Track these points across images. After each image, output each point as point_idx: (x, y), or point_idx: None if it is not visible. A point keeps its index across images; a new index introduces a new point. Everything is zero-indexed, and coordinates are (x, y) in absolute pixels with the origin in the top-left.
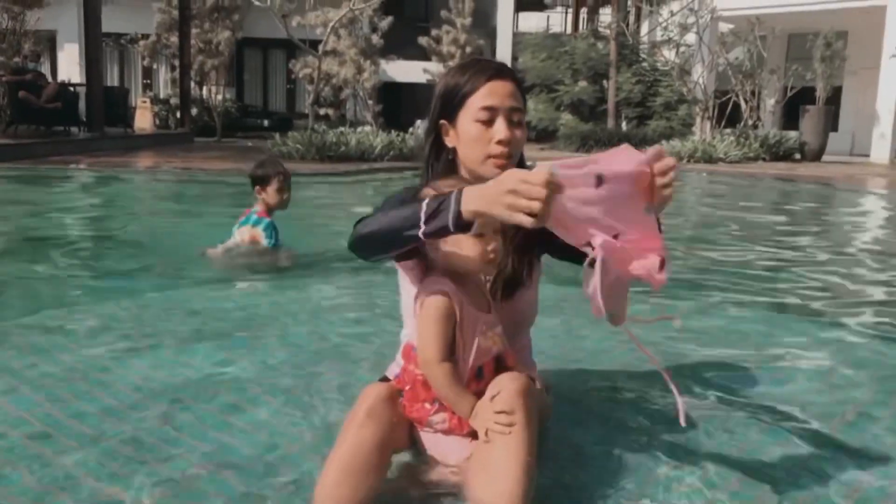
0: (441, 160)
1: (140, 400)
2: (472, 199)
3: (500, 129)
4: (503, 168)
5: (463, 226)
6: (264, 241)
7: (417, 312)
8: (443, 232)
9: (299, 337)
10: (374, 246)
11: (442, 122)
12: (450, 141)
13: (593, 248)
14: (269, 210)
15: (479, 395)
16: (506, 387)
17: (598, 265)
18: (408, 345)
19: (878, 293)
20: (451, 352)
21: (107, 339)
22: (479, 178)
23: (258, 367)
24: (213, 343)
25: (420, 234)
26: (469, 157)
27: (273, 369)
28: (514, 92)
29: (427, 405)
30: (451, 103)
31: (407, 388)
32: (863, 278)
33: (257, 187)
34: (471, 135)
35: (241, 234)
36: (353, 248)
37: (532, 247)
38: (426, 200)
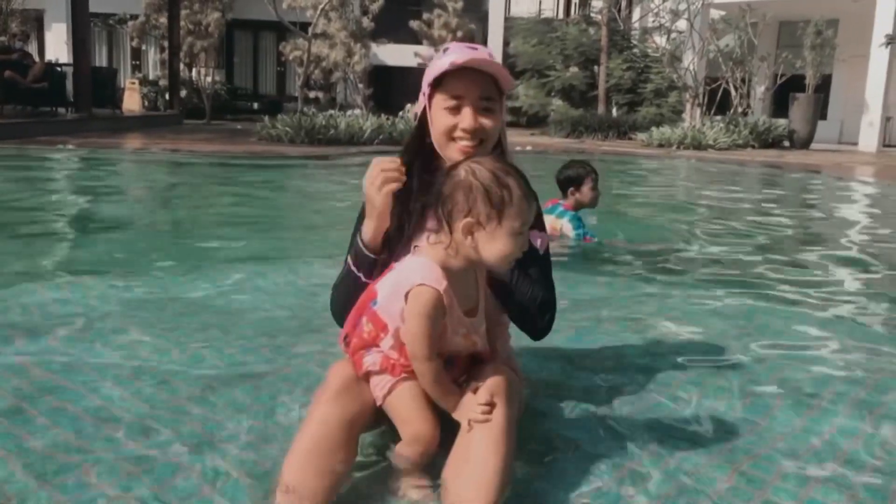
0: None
1: (122, 379)
2: (364, 227)
3: (466, 117)
4: (470, 153)
5: (369, 247)
6: (572, 233)
7: (405, 296)
8: (366, 261)
9: (279, 319)
10: (343, 310)
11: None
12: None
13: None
14: (578, 207)
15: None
16: (488, 379)
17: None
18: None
19: (855, 280)
20: (438, 347)
21: (90, 322)
22: (450, 160)
23: (237, 351)
24: (194, 326)
25: (363, 279)
26: (437, 141)
27: (252, 352)
28: (487, 80)
29: (363, 352)
30: (429, 86)
31: (354, 339)
32: (847, 267)
33: (571, 188)
34: (438, 119)
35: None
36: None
37: None
38: (348, 257)
